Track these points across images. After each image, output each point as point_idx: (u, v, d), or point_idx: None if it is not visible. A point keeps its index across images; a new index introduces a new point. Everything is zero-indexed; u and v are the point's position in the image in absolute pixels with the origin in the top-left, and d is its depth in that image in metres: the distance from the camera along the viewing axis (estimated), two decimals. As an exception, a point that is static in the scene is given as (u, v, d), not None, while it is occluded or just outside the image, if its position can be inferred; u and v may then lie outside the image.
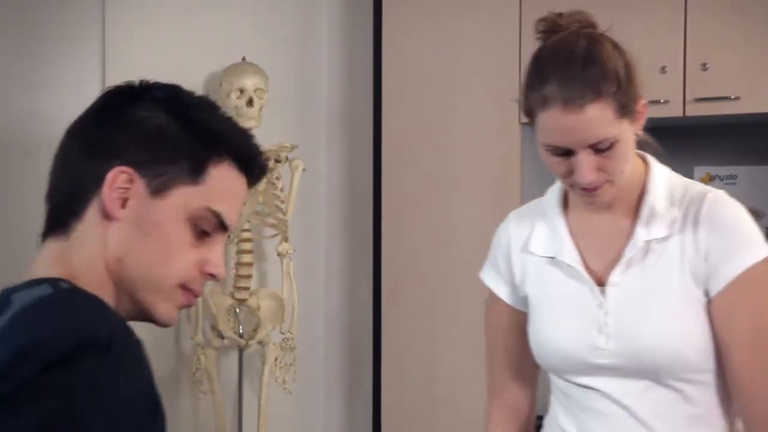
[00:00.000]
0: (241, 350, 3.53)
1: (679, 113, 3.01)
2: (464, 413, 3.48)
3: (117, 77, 1.40)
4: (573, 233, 1.81)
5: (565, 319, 1.79)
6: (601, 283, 1.76)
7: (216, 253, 1.30)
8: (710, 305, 1.71)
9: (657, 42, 3.04)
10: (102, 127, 1.30)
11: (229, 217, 1.30)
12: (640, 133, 1.73)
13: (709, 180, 3.41)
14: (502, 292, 1.94)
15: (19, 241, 3.38)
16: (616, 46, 1.71)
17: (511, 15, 3.33)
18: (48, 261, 1.28)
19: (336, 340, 4.07)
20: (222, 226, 1.30)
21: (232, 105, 3.42)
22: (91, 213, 1.26)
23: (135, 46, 3.38)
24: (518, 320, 1.91)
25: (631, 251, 1.73)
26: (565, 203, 1.85)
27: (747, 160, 3.34)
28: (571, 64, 1.64)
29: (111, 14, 3.35)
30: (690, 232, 1.71)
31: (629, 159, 1.70)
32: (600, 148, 1.64)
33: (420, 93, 3.57)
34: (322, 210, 4.04)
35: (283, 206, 3.49)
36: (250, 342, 3.47)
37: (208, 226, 1.28)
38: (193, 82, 3.52)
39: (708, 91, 3.00)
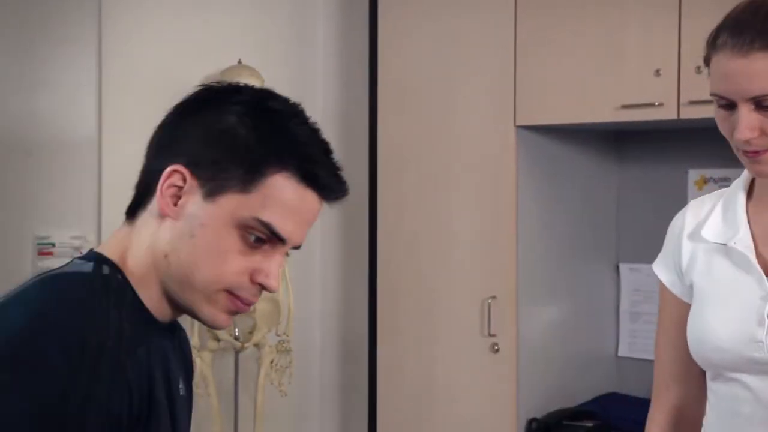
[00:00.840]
0: (237, 353, 3.53)
1: (673, 116, 3.02)
2: (460, 416, 3.48)
3: (114, 78, 1.42)
4: (751, 221, 1.71)
5: (725, 310, 1.69)
6: None
7: (269, 264, 1.29)
8: None
9: (651, 44, 3.06)
10: (176, 124, 1.32)
11: (284, 229, 1.29)
12: None
13: (703, 183, 3.42)
14: (668, 281, 1.82)
15: (19, 240, 3.39)
16: None
17: (506, 16, 3.34)
18: (114, 241, 1.33)
19: (332, 342, 4.07)
20: (279, 238, 1.29)
21: (227, 108, 3.42)
22: (152, 207, 1.30)
23: (132, 47, 3.39)
24: (685, 313, 1.78)
25: None
26: (750, 191, 1.74)
27: (741, 162, 3.34)
28: (753, 14, 1.58)
29: (108, 16, 3.36)
30: None
31: None
32: (764, 105, 1.56)
33: (415, 95, 3.58)
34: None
35: (279, 209, 3.49)
36: (246, 344, 3.47)
37: (261, 236, 1.28)
38: (188, 84, 3.51)
39: (702, 94, 3.01)
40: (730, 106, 1.59)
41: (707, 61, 1.64)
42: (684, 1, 2.99)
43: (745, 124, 1.57)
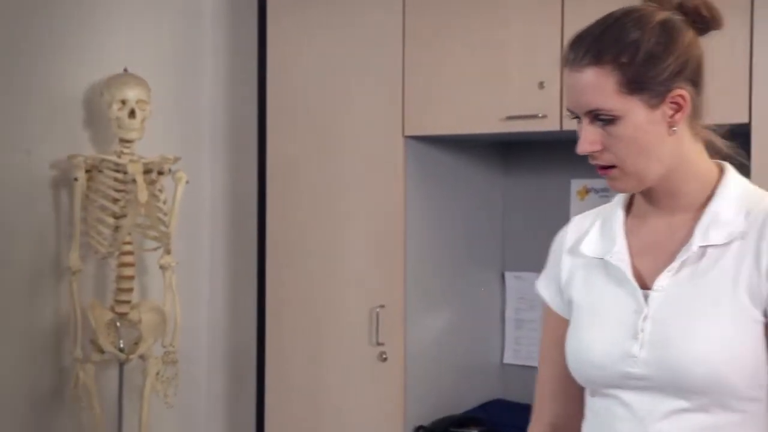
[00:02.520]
0: (121, 364, 3.48)
1: (556, 127, 3.08)
2: (349, 424, 3.49)
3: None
4: (629, 234, 1.69)
5: (600, 325, 1.65)
6: (648, 288, 1.62)
7: None
8: None
9: (535, 57, 3.12)
10: None
11: None
12: (675, 131, 1.59)
13: (585, 193, 3.51)
14: (549, 298, 1.80)
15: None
16: (669, 29, 1.58)
17: (395, 28, 3.37)
18: None
19: (219, 353, 4.04)
20: None
21: (113, 116, 3.38)
22: None
23: (18, 54, 3.33)
24: (565, 330, 1.74)
25: (683, 255, 1.60)
26: (630, 206, 1.73)
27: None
28: (594, 27, 1.60)
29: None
30: (752, 245, 1.57)
31: (646, 150, 1.58)
32: (601, 119, 1.57)
33: (305, 105, 3.58)
34: (206, 222, 4.01)
35: (165, 218, 3.46)
36: (131, 356, 3.42)
37: None
38: (73, 92, 3.47)
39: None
40: (579, 119, 1.61)
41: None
42: (567, 15, 3.05)
43: (584, 138, 1.59)
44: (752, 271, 1.55)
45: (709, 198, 1.62)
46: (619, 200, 1.74)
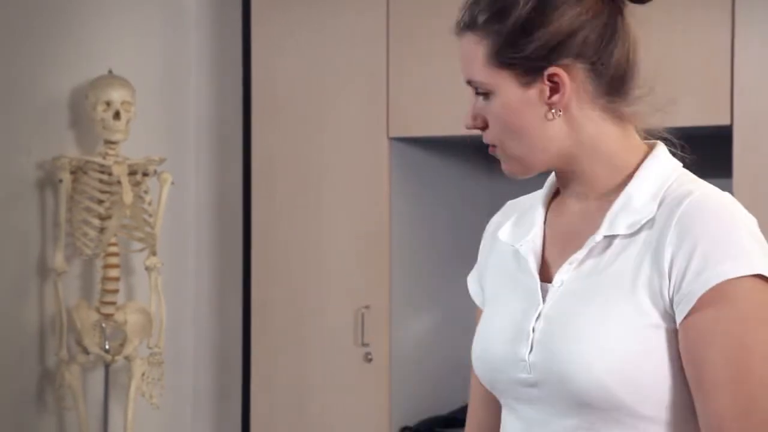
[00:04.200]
0: (106, 366, 3.48)
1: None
2: (334, 425, 3.50)
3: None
4: (549, 223, 1.47)
5: (501, 322, 1.43)
6: (551, 281, 1.41)
7: None
8: (678, 334, 1.30)
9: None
10: None
11: None
12: (559, 113, 1.38)
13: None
14: (473, 291, 1.60)
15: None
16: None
17: (379, 29, 3.38)
18: None
19: (205, 354, 4.04)
20: None
21: (98, 118, 3.38)
22: None
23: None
24: None
25: (589, 245, 1.37)
26: (557, 193, 1.51)
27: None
28: None
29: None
30: (656, 236, 1.33)
31: (519, 133, 1.39)
32: (478, 91, 1.40)
33: (290, 105, 3.59)
34: (191, 223, 4.01)
35: (151, 220, 3.46)
36: (117, 357, 3.42)
37: None
38: (58, 93, 3.47)
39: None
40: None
41: None
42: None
43: (469, 111, 1.43)
44: (652, 268, 1.31)
45: (627, 181, 1.39)
46: (546, 185, 1.54)
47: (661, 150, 1.42)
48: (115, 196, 3.35)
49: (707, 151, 3.33)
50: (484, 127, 1.42)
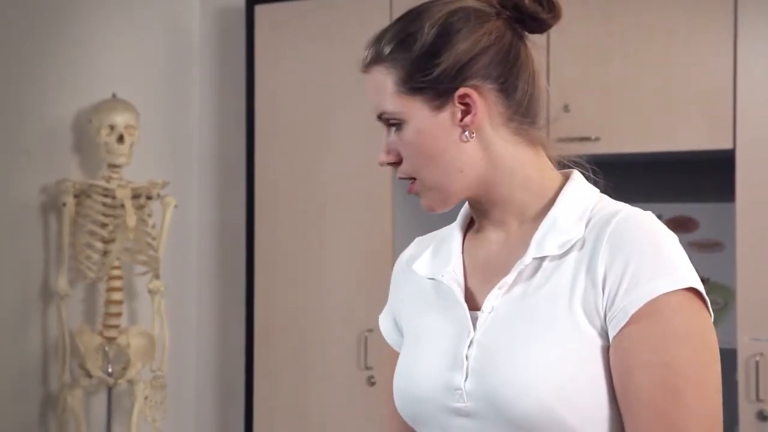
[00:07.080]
0: (110, 389, 3.48)
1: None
2: (336, 449, 3.49)
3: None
4: (466, 253, 1.47)
5: (428, 353, 1.42)
6: (479, 308, 1.40)
7: None
8: (609, 351, 1.31)
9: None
10: None
11: None
12: (473, 135, 1.38)
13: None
14: (384, 330, 1.59)
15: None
16: (457, 19, 1.38)
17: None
18: None
19: (208, 378, 4.04)
20: None
21: (102, 142, 3.39)
22: None
23: (4, 80, 3.33)
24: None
25: (517, 269, 1.37)
26: (472, 224, 1.51)
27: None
28: (392, 23, 1.43)
29: None
30: (588, 255, 1.33)
31: (435, 158, 1.38)
32: (390, 124, 1.41)
33: (293, 130, 3.61)
34: (194, 247, 4.02)
35: (154, 243, 3.46)
36: (120, 381, 3.42)
37: None
38: (62, 118, 3.48)
39: (571, 131, 3.11)
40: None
41: None
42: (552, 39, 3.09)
43: (382, 147, 1.43)
44: (587, 284, 1.31)
45: (549, 206, 1.40)
46: (460, 217, 1.52)
47: (578, 176, 1.44)
48: (118, 220, 3.36)
49: (710, 175, 3.36)
50: (399, 161, 1.42)
